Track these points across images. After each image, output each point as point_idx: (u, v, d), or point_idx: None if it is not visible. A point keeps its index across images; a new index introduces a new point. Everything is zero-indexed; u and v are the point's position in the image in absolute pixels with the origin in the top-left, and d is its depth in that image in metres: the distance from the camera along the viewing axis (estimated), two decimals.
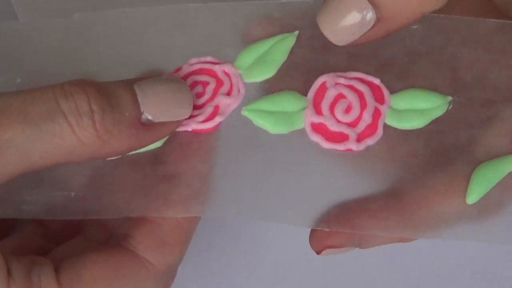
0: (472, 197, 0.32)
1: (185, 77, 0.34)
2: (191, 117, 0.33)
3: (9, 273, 0.30)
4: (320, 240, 0.33)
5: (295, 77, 0.34)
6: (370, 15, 0.31)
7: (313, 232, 0.34)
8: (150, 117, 0.31)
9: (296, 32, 0.34)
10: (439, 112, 0.33)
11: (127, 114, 0.31)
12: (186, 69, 0.34)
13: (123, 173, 0.33)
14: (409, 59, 0.34)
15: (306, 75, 0.34)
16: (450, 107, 0.33)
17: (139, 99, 0.31)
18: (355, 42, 0.32)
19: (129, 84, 0.31)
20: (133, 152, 0.33)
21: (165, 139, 0.33)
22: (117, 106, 0.30)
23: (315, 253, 0.34)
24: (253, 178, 0.32)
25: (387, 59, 0.34)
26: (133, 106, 0.31)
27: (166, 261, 0.33)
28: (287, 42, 0.34)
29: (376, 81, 0.34)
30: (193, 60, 0.34)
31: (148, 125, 0.31)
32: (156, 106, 0.31)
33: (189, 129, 0.33)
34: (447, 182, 0.32)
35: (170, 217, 0.33)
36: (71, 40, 0.35)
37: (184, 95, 0.32)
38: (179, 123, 0.32)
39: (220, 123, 0.33)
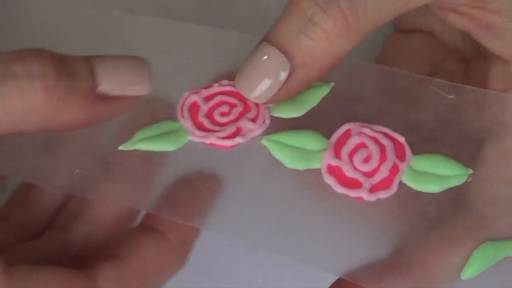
0: (468, 273, 0.32)
1: (214, 95, 0.34)
2: (212, 131, 0.33)
3: None
4: None
5: (322, 121, 0.34)
6: (286, 72, 0.31)
7: None
8: (105, 89, 0.30)
9: (332, 84, 0.34)
10: (457, 182, 0.33)
11: (82, 82, 0.29)
12: (216, 88, 0.34)
13: (131, 166, 0.32)
14: (438, 125, 0.34)
15: (333, 119, 0.34)
16: (469, 179, 0.33)
17: (96, 69, 0.30)
18: (275, 98, 0.32)
19: (87, 57, 0.30)
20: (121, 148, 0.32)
21: (180, 144, 0.32)
22: (72, 73, 0.29)
23: None
24: (258, 204, 0.32)
25: (416, 121, 0.34)
26: (88, 76, 0.30)
27: None
28: (322, 90, 0.34)
29: (401, 139, 0.34)
30: (225, 82, 0.34)
31: (103, 99, 0.30)
32: (112, 79, 0.30)
33: (207, 142, 0.33)
34: (449, 251, 0.32)
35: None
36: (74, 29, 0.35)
37: (143, 70, 0.31)
38: (135, 99, 0.31)
39: (239, 144, 0.33)
